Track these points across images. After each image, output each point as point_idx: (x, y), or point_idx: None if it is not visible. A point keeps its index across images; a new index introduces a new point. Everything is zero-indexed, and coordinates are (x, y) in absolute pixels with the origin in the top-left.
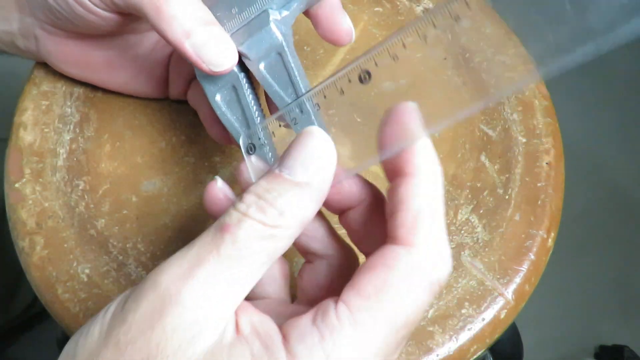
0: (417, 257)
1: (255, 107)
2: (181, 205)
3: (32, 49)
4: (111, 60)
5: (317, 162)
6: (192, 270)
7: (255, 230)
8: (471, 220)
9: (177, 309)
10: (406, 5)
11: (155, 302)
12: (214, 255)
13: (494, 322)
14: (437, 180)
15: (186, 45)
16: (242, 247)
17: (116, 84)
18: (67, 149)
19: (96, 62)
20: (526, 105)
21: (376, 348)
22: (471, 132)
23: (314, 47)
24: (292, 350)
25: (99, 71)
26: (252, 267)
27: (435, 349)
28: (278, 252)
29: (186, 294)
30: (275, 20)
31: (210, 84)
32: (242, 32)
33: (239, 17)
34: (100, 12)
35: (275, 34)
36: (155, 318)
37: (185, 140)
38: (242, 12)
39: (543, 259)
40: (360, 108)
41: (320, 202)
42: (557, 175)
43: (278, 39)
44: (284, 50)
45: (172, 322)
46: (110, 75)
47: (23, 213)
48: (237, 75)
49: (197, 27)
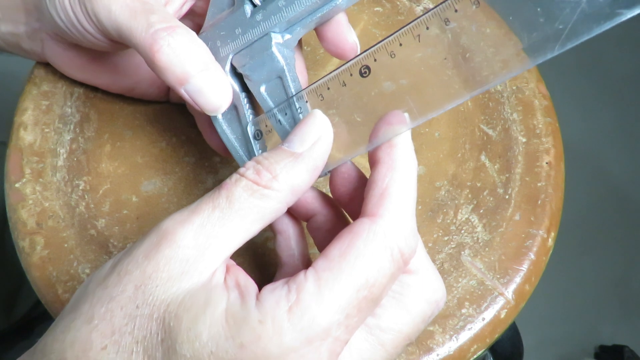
0: (379, 226)
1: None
2: (181, 205)
3: (37, 51)
4: (115, 67)
5: (313, 137)
6: (190, 216)
7: (248, 188)
8: (471, 220)
9: (171, 245)
10: (406, 5)
11: (154, 239)
12: (209, 207)
13: (494, 322)
14: (409, 167)
15: (182, 91)
16: (235, 201)
17: (120, 89)
18: (68, 149)
19: (100, 68)
20: (526, 105)
21: (336, 305)
22: (471, 131)
23: (314, 47)
24: (262, 299)
25: (104, 76)
26: (242, 221)
27: (436, 348)
28: (269, 213)
29: (181, 234)
30: (277, 44)
31: None
32: (244, 53)
33: (242, 37)
34: (105, 39)
35: (277, 58)
36: (152, 251)
37: (186, 140)
38: (245, 33)
39: (543, 259)
40: (360, 108)
41: (313, 173)
42: (557, 175)
43: (280, 64)
44: (285, 75)
45: (165, 256)
46: (114, 80)
47: (23, 213)
48: (238, 95)
49: (192, 74)
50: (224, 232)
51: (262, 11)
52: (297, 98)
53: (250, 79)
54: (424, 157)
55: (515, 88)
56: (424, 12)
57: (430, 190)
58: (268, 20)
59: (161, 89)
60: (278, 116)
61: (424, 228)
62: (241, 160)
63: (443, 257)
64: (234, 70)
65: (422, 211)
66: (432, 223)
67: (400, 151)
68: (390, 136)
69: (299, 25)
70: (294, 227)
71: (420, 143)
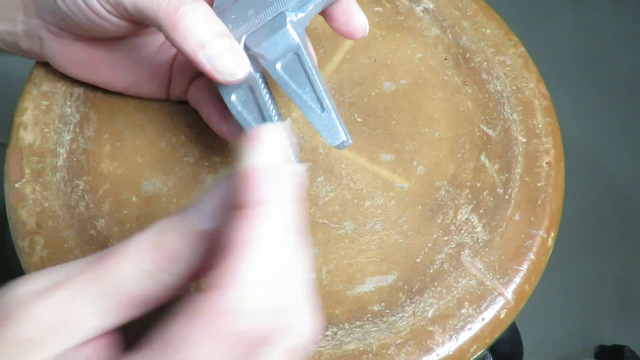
0: (207, 300)
1: (272, 105)
2: (181, 206)
3: (36, 50)
4: (116, 62)
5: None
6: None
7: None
8: (471, 220)
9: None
10: (406, 5)
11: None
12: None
13: (494, 322)
14: (279, 211)
15: (200, 57)
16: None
17: (120, 85)
18: (67, 149)
19: (101, 63)
20: (526, 105)
21: None
22: (471, 132)
23: (314, 47)
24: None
25: (103, 73)
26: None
27: (435, 348)
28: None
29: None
30: (291, 21)
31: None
32: (258, 34)
33: (255, 19)
34: (112, 19)
35: (292, 35)
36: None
37: (185, 140)
38: (258, 14)
39: (543, 259)
40: (361, 108)
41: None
42: (557, 175)
43: (295, 40)
44: (301, 51)
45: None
46: (114, 77)
47: (23, 213)
48: (253, 76)
49: (211, 38)
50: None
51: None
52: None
53: (265, 57)
54: (423, 157)
55: (515, 88)
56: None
57: (430, 191)
58: (281, 0)
59: (161, 85)
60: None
61: (424, 228)
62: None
63: (443, 257)
64: (247, 52)
65: (422, 211)
66: (432, 223)
67: (269, 188)
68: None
69: (312, 3)
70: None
71: (420, 143)
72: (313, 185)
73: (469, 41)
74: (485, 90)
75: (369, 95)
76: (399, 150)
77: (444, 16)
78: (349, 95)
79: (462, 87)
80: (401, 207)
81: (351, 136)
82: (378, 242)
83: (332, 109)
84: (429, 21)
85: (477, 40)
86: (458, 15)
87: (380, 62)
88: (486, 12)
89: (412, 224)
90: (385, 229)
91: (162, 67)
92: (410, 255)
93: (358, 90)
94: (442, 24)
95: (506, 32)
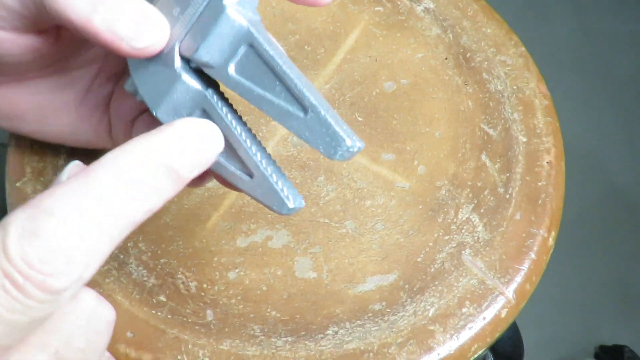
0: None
1: (240, 128)
2: (182, 204)
3: None
4: (41, 108)
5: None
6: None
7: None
8: (472, 220)
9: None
10: (407, 4)
11: None
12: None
13: (494, 321)
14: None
15: (95, 22)
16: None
17: (51, 135)
18: (69, 147)
19: (25, 110)
20: (527, 105)
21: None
22: (472, 131)
23: (315, 46)
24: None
25: (30, 123)
26: None
27: (436, 347)
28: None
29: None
30: (231, 3)
31: (169, 113)
32: (192, 36)
33: (183, 17)
34: (8, 36)
35: (236, 20)
36: None
37: None
38: (186, 9)
39: (544, 258)
40: (361, 107)
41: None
42: (558, 175)
43: (242, 25)
44: (255, 38)
45: None
46: (43, 126)
47: None
48: (202, 94)
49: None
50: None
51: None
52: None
53: (210, 65)
54: (424, 157)
55: (516, 88)
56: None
57: (431, 190)
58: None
59: (100, 131)
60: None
61: (425, 227)
62: (276, 194)
63: (444, 257)
64: (187, 65)
65: (423, 210)
66: (433, 222)
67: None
68: None
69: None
70: None
71: (421, 142)
72: (314, 184)
73: (470, 41)
74: (485, 89)
75: (369, 95)
76: (400, 150)
77: (444, 16)
78: (349, 94)
79: (463, 86)
80: (402, 206)
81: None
82: (379, 241)
83: (321, 105)
84: (429, 21)
85: (477, 40)
86: (459, 15)
87: (381, 62)
88: (487, 12)
89: (413, 223)
90: (386, 228)
91: (95, 110)
92: (411, 255)
93: (359, 90)
94: (443, 23)
95: (507, 31)
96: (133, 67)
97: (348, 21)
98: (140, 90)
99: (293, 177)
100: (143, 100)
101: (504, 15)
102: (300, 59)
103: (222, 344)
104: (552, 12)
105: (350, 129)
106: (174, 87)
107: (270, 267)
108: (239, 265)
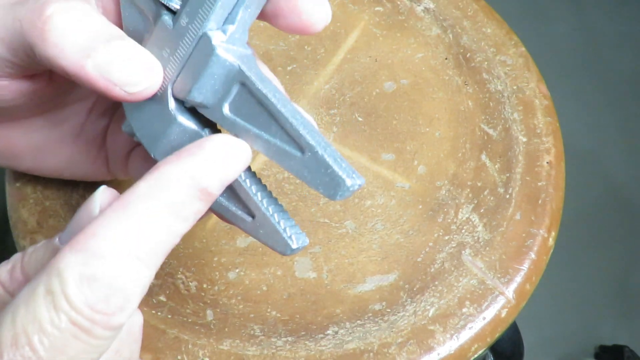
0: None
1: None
2: None
3: None
4: (37, 145)
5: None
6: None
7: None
8: (472, 220)
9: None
10: (407, 4)
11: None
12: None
13: (494, 321)
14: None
15: (88, 68)
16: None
17: (49, 170)
18: None
19: (21, 148)
20: (527, 105)
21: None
22: (472, 131)
23: (315, 46)
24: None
25: (27, 159)
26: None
27: (436, 347)
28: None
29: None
30: (221, 42)
31: (167, 154)
32: (184, 77)
33: (173, 58)
34: (0, 82)
35: (227, 60)
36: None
37: None
38: (175, 50)
39: (544, 258)
40: (362, 107)
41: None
42: (558, 175)
43: (234, 65)
44: (247, 77)
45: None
46: (40, 162)
47: (24, 212)
48: (199, 134)
49: (98, 43)
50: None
51: (185, 10)
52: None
53: (205, 105)
54: (424, 157)
55: (516, 88)
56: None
57: (431, 190)
58: (196, 19)
59: (98, 164)
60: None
61: (425, 227)
62: (278, 236)
63: (444, 257)
64: (182, 105)
65: (423, 210)
66: (433, 222)
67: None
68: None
69: (240, 7)
70: None
71: (421, 142)
72: None
73: (470, 41)
74: (485, 89)
75: (369, 95)
76: (400, 150)
77: (444, 16)
78: (349, 94)
79: (463, 86)
80: (402, 206)
81: (360, 174)
82: (379, 241)
83: (318, 144)
84: (429, 21)
85: (477, 40)
86: (459, 15)
87: (381, 62)
88: (487, 12)
89: (413, 223)
90: (386, 228)
91: (92, 144)
92: (411, 255)
93: (359, 90)
94: (443, 23)
95: (507, 31)
96: (128, 110)
97: (348, 21)
98: (137, 133)
99: (293, 177)
100: (140, 141)
101: (504, 15)
102: (300, 59)
103: (222, 344)
104: (552, 12)
105: (349, 166)
106: (170, 128)
107: (270, 267)
108: (239, 265)
